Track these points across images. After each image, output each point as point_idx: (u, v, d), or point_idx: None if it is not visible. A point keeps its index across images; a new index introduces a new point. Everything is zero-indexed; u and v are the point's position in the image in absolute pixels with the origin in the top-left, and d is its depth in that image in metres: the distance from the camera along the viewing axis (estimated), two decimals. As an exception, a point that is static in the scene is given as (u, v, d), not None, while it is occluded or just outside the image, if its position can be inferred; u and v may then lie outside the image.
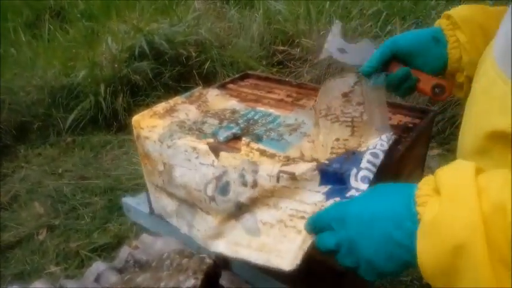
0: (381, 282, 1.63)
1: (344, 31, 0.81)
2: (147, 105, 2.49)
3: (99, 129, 2.66)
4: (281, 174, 0.65)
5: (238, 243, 0.71)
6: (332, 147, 0.69)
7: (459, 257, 0.39)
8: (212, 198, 0.72)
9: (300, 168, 0.65)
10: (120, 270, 0.82)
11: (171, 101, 0.90)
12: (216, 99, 0.93)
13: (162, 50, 2.81)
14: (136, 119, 0.84)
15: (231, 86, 1.04)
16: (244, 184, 0.69)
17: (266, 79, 1.08)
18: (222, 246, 0.73)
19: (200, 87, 0.98)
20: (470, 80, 0.72)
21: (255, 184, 0.68)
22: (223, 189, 0.71)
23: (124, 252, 0.87)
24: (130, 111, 2.58)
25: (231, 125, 0.82)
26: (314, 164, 0.65)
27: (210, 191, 0.73)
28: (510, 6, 0.48)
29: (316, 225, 0.57)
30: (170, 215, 0.85)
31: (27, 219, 2.00)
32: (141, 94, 2.75)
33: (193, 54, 2.85)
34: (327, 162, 0.66)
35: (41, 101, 2.67)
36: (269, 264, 0.66)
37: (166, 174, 0.80)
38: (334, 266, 0.71)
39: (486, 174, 0.42)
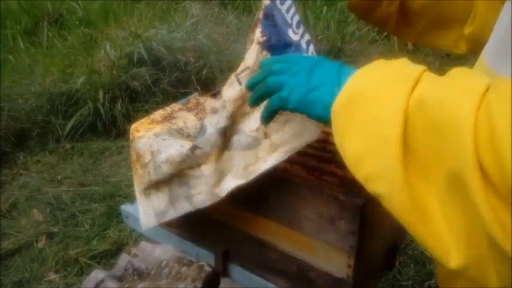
0: (382, 287, 1.63)
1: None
2: (146, 112, 2.50)
3: (98, 136, 2.66)
4: (238, 77, 0.68)
5: (247, 165, 0.70)
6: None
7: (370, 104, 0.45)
8: (194, 148, 0.71)
9: (249, 58, 0.68)
10: (119, 278, 0.82)
11: (168, 108, 0.90)
12: (214, 106, 0.93)
13: (161, 56, 2.82)
14: (134, 126, 0.84)
15: (229, 92, 1.04)
16: (216, 111, 0.69)
17: (264, 85, 1.08)
18: (233, 181, 0.70)
19: (197, 93, 0.98)
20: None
21: (224, 105, 0.69)
22: (201, 132, 0.71)
23: (123, 260, 0.87)
24: (129, 117, 2.58)
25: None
26: (256, 45, 0.67)
27: (189, 146, 0.72)
28: (505, 4, 0.48)
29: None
30: (166, 211, 0.80)
31: (27, 226, 1.99)
32: (139, 100, 2.75)
33: (192, 60, 2.86)
34: (264, 38, 0.68)
35: (40, 108, 2.67)
36: (297, 147, 0.67)
37: (152, 162, 0.77)
38: (333, 272, 0.71)
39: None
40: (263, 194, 0.75)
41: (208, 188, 0.72)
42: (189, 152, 0.71)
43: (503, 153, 0.35)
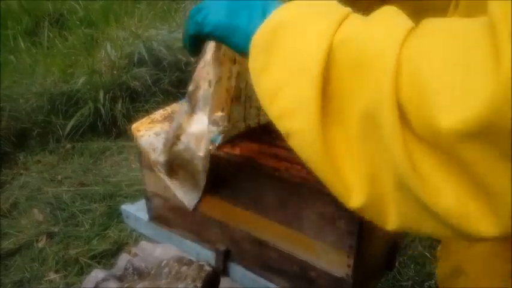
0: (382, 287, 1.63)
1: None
2: (146, 112, 2.50)
3: (99, 136, 2.66)
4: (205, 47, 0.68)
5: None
6: None
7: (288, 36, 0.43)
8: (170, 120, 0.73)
9: None
10: (120, 278, 0.82)
11: (169, 108, 0.90)
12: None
13: (161, 56, 2.82)
14: (135, 126, 0.84)
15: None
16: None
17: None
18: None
19: (198, 94, 0.98)
20: None
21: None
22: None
23: (123, 259, 0.87)
24: (130, 117, 2.58)
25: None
26: None
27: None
28: None
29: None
30: (193, 187, 0.81)
31: (27, 226, 2.00)
32: (140, 100, 2.76)
33: (192, 60, 2.85)
34: None
35: (41, 108, 2.67)
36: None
37: (156, 160, 0.79)
38: (333, 272, 0.71)
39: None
40: (263, 194, 0.75)
41: (195, 155, 0.73)
42: (167, 128, 0.73)
43: (426, 93, 0.33)
